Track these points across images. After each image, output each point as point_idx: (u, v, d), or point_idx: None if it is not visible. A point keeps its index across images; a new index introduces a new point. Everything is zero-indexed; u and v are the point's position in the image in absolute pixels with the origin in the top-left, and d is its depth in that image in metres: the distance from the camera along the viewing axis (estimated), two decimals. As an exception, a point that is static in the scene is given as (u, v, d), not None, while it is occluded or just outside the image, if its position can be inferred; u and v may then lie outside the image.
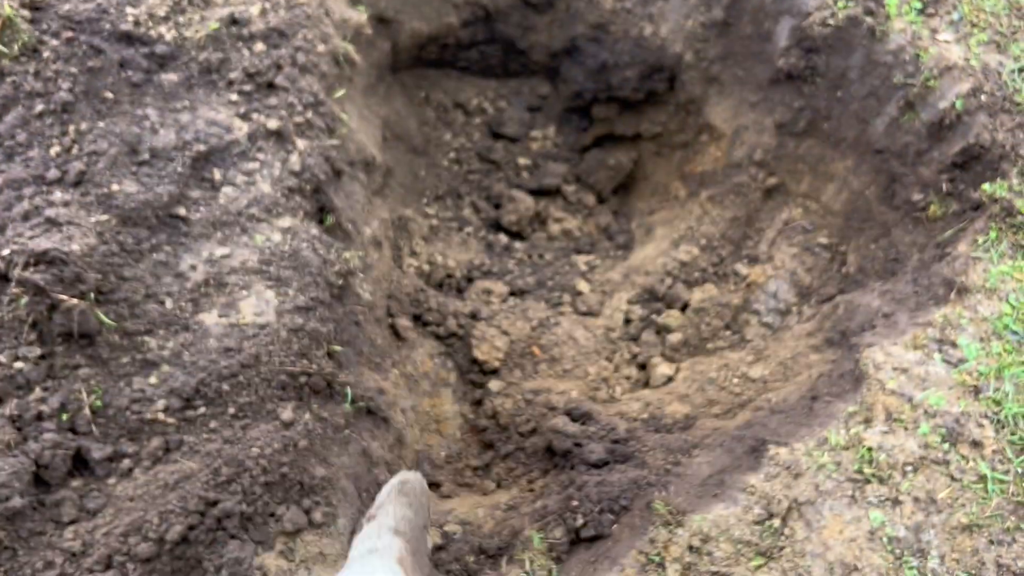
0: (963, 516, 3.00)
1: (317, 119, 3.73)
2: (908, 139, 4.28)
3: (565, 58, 5.42)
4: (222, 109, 3.57)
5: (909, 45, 4.28)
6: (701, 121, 5.15)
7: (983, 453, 3.14)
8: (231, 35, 3.72)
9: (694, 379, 4.27)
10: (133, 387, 2.93)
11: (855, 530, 2.97)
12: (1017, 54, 4.27)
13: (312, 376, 3.14)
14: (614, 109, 5.57)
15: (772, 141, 4.83)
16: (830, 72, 4.51)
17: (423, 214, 5.24)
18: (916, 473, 3.08)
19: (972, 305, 3.53)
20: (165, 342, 3.03)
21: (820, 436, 3.19)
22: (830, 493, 3.05)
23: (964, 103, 4.07)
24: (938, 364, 3.36)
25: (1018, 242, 3.69)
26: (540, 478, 3.87)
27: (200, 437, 2.92)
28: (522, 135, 5.69)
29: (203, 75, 3.63)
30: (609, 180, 5.71)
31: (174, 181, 3.28)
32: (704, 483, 3.22)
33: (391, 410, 3.67)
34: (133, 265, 3.08)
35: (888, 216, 4.38)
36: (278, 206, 3.46)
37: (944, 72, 4.17)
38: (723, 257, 4.96)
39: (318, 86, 3.80)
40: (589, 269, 5.27)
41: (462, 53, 5.35)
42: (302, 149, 3.59)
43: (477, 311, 4.60)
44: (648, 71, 5.14)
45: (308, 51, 3.80)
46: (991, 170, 3.95)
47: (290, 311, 3.21)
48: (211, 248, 3.29)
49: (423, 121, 5.37)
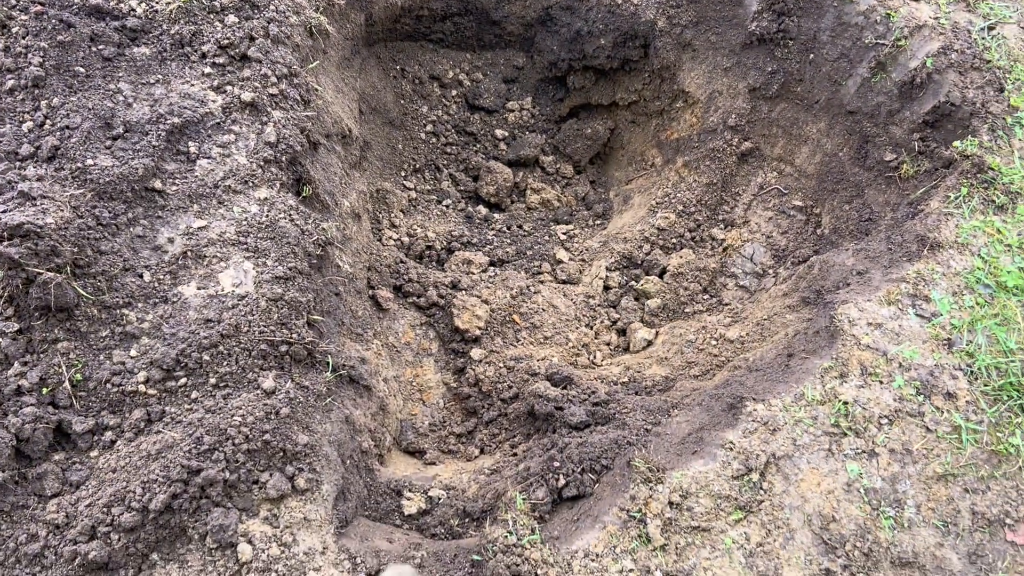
0: (938, 466, 3.06)
1: (292, 90, 3.72)
2: (880, 99, 4.31)
3: (540, 28, 5.41)
4: (196, 82, 3.56)
5: (879, 5, 4.30)
6: (676, 88, 5.16)
7: (957, 404, 3.19)
8: (202, 7, 3.70)
9: (673, 342, 4.31)
10: (113, 360, 2.93)
11: (832, 482, 3.02)
12: (986, 12, 4.30)
13: (293, 345, 3.15)
14: (590, 78, 5.57)
15: (746, 105, 4.85)
16: (801, 35, 4.52)
17: (402, 187, 5.24)
18: (891, 425, 3.13)
19: (945, 260, 3.58)
20: (144, 314, 3.03)
21: (796, 392, 3.24)
22: (807, 447, 3.10)
23: (934, 62, 4.10)
24: (912, 318, 3.40)
25: (989, 197, 3.73)
26: (523, 442, 3.90)
27: (182, 408, 2.93)
28: (499, 107, 5.68)
29: (175, 48, 3.61)
30: (586, 150, 5.72)
31: (149, 155, 3.26)
32: (683, 441, 3.26)
33: (373, 379, 3.68)
34: (110, 239, 3.07)
35: (861, 177, 4.42)
36: (254, 177, 3.45)
37: (914, 31, 4.20)
38: (700, 222, 4.99)
39: (292, 57, 3.78)
40: (568, 238, 5.29)
41: (437, 25, 5.33)
42: (277, 120, 3.58)
43: (457, 281, 4.62)
44: (622, 39, 5.14)
45: (281, 22, 3.79)
46: (962, 128, 3.99)
47: (269, 281, 3.21)
48: (188, 220, 3.28)
49: (399, 94, 5.35)
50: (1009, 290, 3.47)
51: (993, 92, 4.01)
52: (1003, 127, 3.91)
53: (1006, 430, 3.15)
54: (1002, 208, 3.70)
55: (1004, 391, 3.22)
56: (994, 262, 3.55)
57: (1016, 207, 3.70)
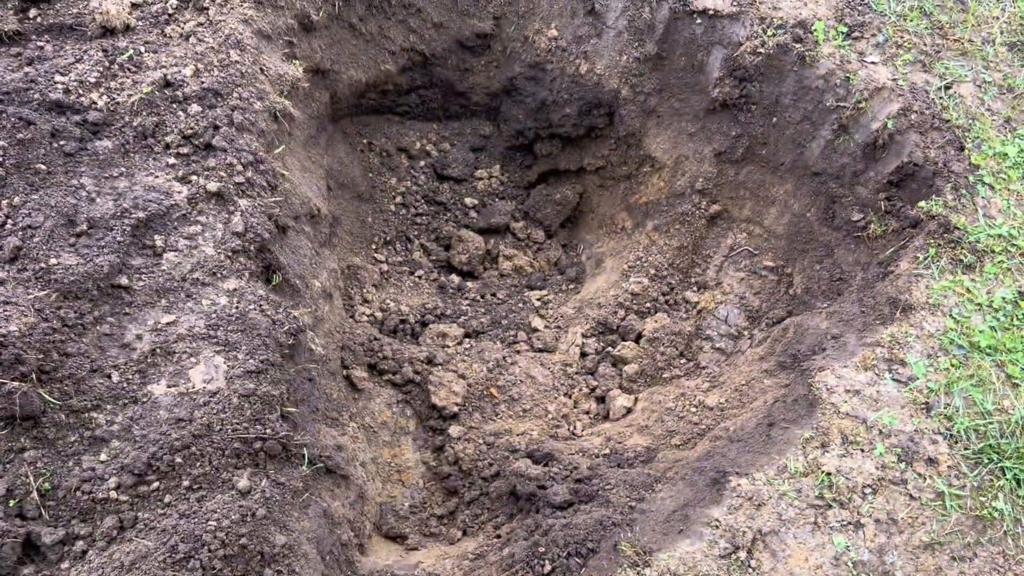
0: (924, 535, 3.03)
1: (258, 177, 3.70)
2: (844, 160, 4.36)
3: (505, 98, 5.45)
4: (160, 173, 3.53)
5: (838, 69, 4.37)
6: (642, 153, 5.20)
7: (939, 470, 3.18)
8: (165, 98, 3.68)
9: (652, 409, 4.29)
10: (83, 466, 2.85)
11: (820, 557, 2.98)
12: (942, 72, 4.39)
13: (267, 441, 3.09)
14: (556, 145, 5.61)
15: (712, 169, 4.90)
16: (764, 99, 4.59)
17: (373, 260, 5.22)
18: (875, 495, 3.11)
19: (918, 322, 3.59)
20: (114, 417, 2.96)
21: (779, 464, 3.22)
22: (793, 521, 3.07)
23: (895, 123, 4.16)
24: (889, 383, 3.40)
25: (957, 257, 3.77)
26: (506, 523, 3.84)
27: (155, 513, 2.85)
28: (467, 175, 5.70)
29: (138, 140, 3.58)
30: (556, 214, 5.73)
31: (114, 250, 3.22)
32: (668, 519, 3.22)
33: (351, 466, 3.62)
34: (76, 340, 3.01)
35: (830, 237, 4.46)
36: (223, 268, 3.41)
37: (874, 93, 4.27)
38: (673, 286, 5.00)
39: (257, 144, 3.77)
40: (542, 304, 5.27)
41: (402, 98, 5.36)
42: (244, 209, 3.56)
43: (433, 356, 4.58)
44: (587, 107, 5.19)
45: (245, 110, 3.78)
46: (926, 187, 4.04)
47: (240, 376, 3.16)
48: (156, 316, 3.23)
49: (367, 167, 5.35)
50: (983, 350, 3.48)
51: (954, 151, 4.07)
52: (966, 185, 3.96)
53: (989, 494, 3.14)
54: (970, 267, 3.73)
55: (984, 454, 3.22)
56: (966, 322, 3.57)
57: (984, 265, 3.73)
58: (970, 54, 4.52)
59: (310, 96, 4.49)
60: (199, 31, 3.90)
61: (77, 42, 3.74)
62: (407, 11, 4.95)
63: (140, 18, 3.87)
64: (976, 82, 4.39)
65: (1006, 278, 3.70)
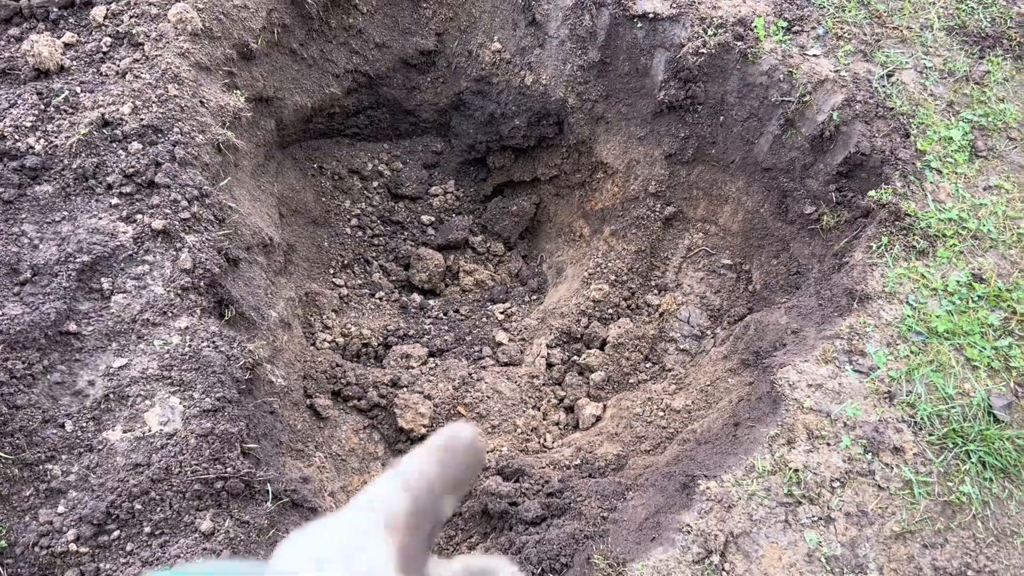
0: (894, 524, 3.04)
1: (204, 211, 3.65)
2: (793, 154, 4.38)
3: (454, 113, 5.43)
4: (104, 215, 3.46)
5: (781, 64, 4.40)
6: (594, 160, 5.20)
7: (905, 458, 3.19)
8: (104, 138, 3.62)
9: (621, 416, 4.27)
10: (40, 520, 2.79)
11: (793, 555, 2.98)
12: (883, 60, 4.43)
13: (228, 480, 3.04)
14: (509, 157, 5.60)
15: (664, 171, 4.90)
16: (710, 99, 4.60)
17: (331, 285, 5.17)
18: (844, 488, 3.12)
19: (875, 311, 3.61)
20: (69, 467, 2.89)
21: (747, 464, 3.21)
22: (764, 521, 3.06)
23: (840, 114, 4.19)
24: (850, 375, 3.42)
25: (910, 243, 3.79)
26: (481, 543, 3.81)
27: (117, 563, 2.79)
28: (422, 193, 5.67)
29: (79, 182, 3.52)
30: (514, 226, 5.72)
31: (60, 297, 3.15)
32: (641, 527, 3.20)
33: (318, 497, 3.57)
34: (26, 391, 2.95)
35: (785, 231, 4.48)
36: (173, 307, 3.35)
37: (817, 86, 4.30)
38: (633, 290, 5.00)
39: (201, 178, 3.71)
40: (506, 317, 5.25)
41: (351, 120, 5.32)
42: (192, 245, 3.50)
43: (397, 378, 4.53)
44: (536, 118, 5.18)
45: (187, 144, 3.72)
46: (875, 176, 4.07)
47: (197, 416, 3.10)
48: (108, 361, 3.17)
49: (320, 192, 5.31)
50: (941, 335, 3.51)
51: (900, 138, 4.11)
52: (914, 172, 4.00)
53: (956, 479, 3.15)
54: (923, 253, 3.76)
55: (948, 439, 3.24)
56: (923, 308, 3.59)
57: (936, 250, 3.76)
58: (909, 41, 4.57)
59: (255, 125, 4.44)
60: (135, 67, 3.84)
61: (10, 86, 3.67)
62: (348, 33, 4.91)
63: (74, 58, 3.81)
64: (917, 68, 4.44)
65: (959, 261, 3.74)
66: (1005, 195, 3.96)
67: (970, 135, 4.16)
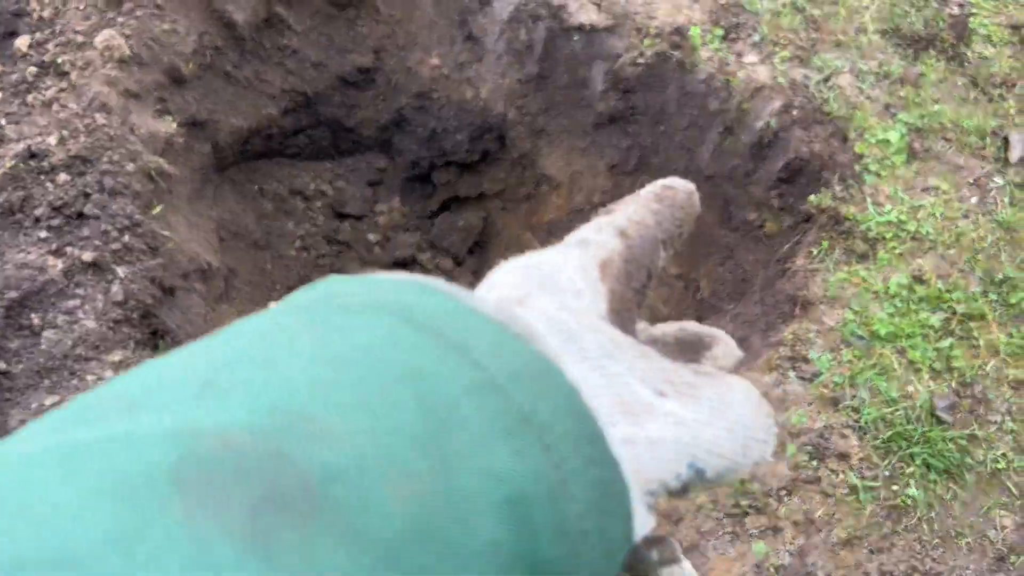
0: (841, 531, 3.03)
1: (136, 241, 3.56)
2: (734, 162, 4.39)
3: (396, 130, 5.38)
4: (32, 249, 3.37)
5: (718, 72, 4.41)
6: (538, 173, 5.18)
7: (851, 463, 3.19)
8: (31, 170, 3.52)
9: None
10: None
11: (742, 567, 2.96)
12: (819, 65, 4.45)
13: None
14: (454, 172, 5.56)
15: (608, 182, 4.89)
16: (650, 108, 4.60)
17: (277, 309, 5.08)
18: (791, 496, 3.10)
19: (817, 317, 3.61)
20: None
21: (694, 477, 3.19)
22: (711, 533, 3.04)
23: (778, 121, 4.20)
24: (794, 382, 3.41)
25: (850, 247, 3.81)
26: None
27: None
28: (367, 211, 5.61)
29: (6, 217, 3.42)
30: (463, 242, 5.67)
31: (-15, 336, 3.06)
32: (590, 546, 3.16)
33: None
34: (-51, 435, 2.85)
35: (730, 238, 4.48)
36: (106, 341, 3.27)
37: (755, 93, 4.31)
38: (583, 302, 4.97)
39: (132, 207, 3.63)
40: (456, 335, 5.20)
41: (289, 140, 5.25)
42: (123, 276, 3.42)
43: (345, 402, 4.46)
44: (477, 132, 5.15)
45: (116, 173, 3.64)
46: (815, 181, 4.09)
47: (130, 453, 3.01)
48: (40, 398, 3.07)
49: (261, 214, 5.22)
50: (883, 338, 3.51)
51: (838, 142, 4.13)
52: (852, 175, 4.02)
53: (901, 482, 3.16)
54: (864, 256, 3.77)
55: (893, 442, 3.24)
56: (864, 312, 3.60)
57: (877, 253, 3.78)
58: (845, 45, 4.60)
59: (189, 149, 4.35)
60: (62, 97, 3.75)
61: (-71, 120, 3.57)
62: (283, 53, 4.85)
63: (-3, 89, 3.71)
64: (853, 72, 4.47)
65: (899, 263, 3.75)
66: (943, 196, 3.99)
67: (907, 137, 4.19)
